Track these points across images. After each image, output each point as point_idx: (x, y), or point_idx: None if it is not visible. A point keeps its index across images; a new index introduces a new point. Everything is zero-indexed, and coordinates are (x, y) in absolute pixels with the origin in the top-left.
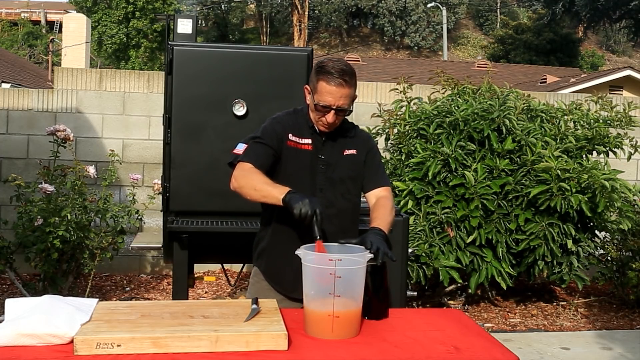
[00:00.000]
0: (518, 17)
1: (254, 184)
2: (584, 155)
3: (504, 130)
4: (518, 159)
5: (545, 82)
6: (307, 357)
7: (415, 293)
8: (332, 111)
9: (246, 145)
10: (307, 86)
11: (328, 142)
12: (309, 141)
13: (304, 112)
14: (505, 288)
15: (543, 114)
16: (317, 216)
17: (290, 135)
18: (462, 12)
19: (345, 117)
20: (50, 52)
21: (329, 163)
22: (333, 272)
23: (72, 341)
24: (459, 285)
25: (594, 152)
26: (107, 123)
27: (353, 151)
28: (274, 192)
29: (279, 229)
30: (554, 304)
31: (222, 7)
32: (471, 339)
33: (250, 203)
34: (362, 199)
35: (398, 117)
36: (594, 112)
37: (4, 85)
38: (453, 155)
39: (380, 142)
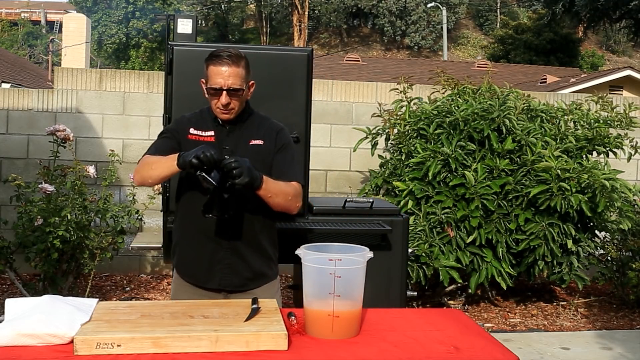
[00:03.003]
0: (518, 17)
1: (149, 164)
2: (584, 156)
3: (504, 130)
4: (518, 159)
5: (545, 82)
6: (307, 357)
7: (415, 293)
8: (224, 92)
9: (152, 144)
10: (202, 79)
11: (233, 133)
12: (212, 133)
13: (208, 108)
14: (505, 288)
15: (543, 114)
16: (211, 159)
17: (191, 129)
18: (462, 12)
19: (244, 103)
20: (50, 52)
21: (233, 153)
22: (333, 272)
23: (72, 341)
24: (459, 285)
25: (594, 153)
26: (107, 123)
27: (259, 141)
28: (168, 162)
29: (186, 220)
30: (554, 304)
31: (222, 7)
32: (471, 339)
33: None
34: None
35: (398, 117)
36: (594, 112)
37: (4, 85)
38: (453, 155)
39: (380, 142)
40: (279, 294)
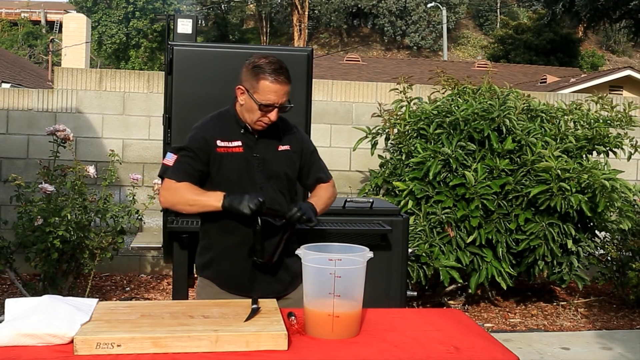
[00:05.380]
0: (518, 17)
1: (186, 199)
2: (584, 155)
3: (504, 130)
4: (518, 159)
5: (545, 82)
6: (307, 357)
7: (415, 293)
8: (276, 109)
9: (175, 157)
10: (240, 87)
11: (262, 139)
12: (239, 143)
13: (230, 114)
14: (505, 288)
15: (543, 114)
16: (263, 206)
17: (218, 141)
18: (462, 12)
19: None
20: (50, 52)
21: (264, 160)
22: (333, 272)
23: (72, 341)
24: (459, 285)
25: (594, 152)
26: (107, 123)
27: (286, 147)
28: (211, 201)
29: (224, 234)
30: (554, 304)
31: (222, 7)
32: (471, 339)
33: None
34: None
35: (398, 117)
36: (594, 112)
37: (4, 85)
38: (453, 155)
39: (380, 142)
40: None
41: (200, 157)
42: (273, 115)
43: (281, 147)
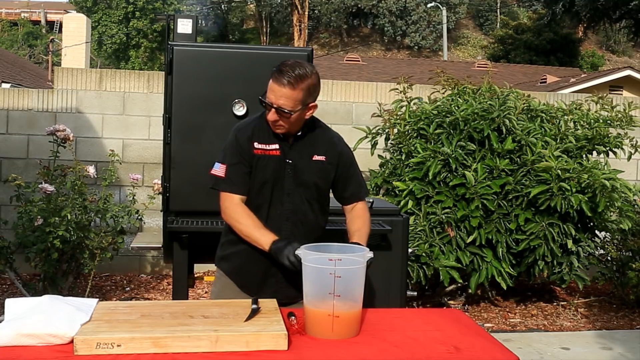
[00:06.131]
0: (518, 17)
1: (242, 228)
2: (584, 155)
3: (504, 130)
4: (518, 159)
5: (545, 82)
6: (307, 357)
7: (415, 293)
8: (272, 109)
9: (224, 167)
10: None
11: (296, 146)
12: (276, 146)
13: None
14: (505, 288)
15: (543, 114)
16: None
17: (255, 143)
18: (462, 12)
19: (318, 121)
20: (50, 52)
21: (296, 167)
22: (333, 272)
23: (72, 341)
24: (459, 285)
25: (594, 152)
26: (107, 123)
27: (322, 157)
28: (261, 241)
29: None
30: (554, 304)
31: (222, 7)
32: (471, 339)
33: None
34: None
35: (398, 117)
36: (594, 112)
37: (4, 85)
38: (453, 155)
39: (380, 142)
40: None
41: (245, 160)
42: (270, 115)
43: (316, 157)
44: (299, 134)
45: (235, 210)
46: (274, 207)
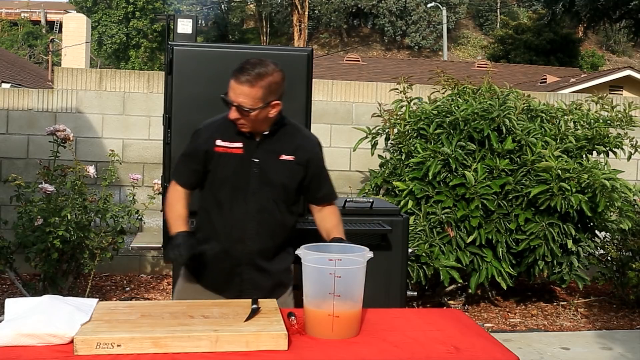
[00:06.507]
0: (518, 17)
1: (167, 212)
2: (584, 155)
3: (504, 130)
4: (518, 159)
5: (545, 82)
6: (307, 357)
7: (415, 293)
8: (233, 107)
9: (180, 157)
10: None
11: (263, 145)
12: (240, 145)
13: None
14: (505, 288)
15: (543, 114)
16: (182, 259)
17: (218, 140)
18: (462, 12)
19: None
20: (50, 52)
21: (262, 166)
22: (333, 272)
23: (72, 341)
24: (459, 285)
25: (594, 152)
26: (107, 123)
27: (291, 157)
28: (171, 230)
29: (206, 231)
30: (554, 304)
31: (222, 7)
32: (471, 339)
33: None
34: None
35: (398, 117)
36: (594, 112)
37: (4, 85)
38: (453, 155)
39: (380, 142)
40: (291, 297)
41: (196, 156)
42: (230, 114)
43: (284, 157)
44: (267, 132)
45: (170, 194)
46: (238, 205)
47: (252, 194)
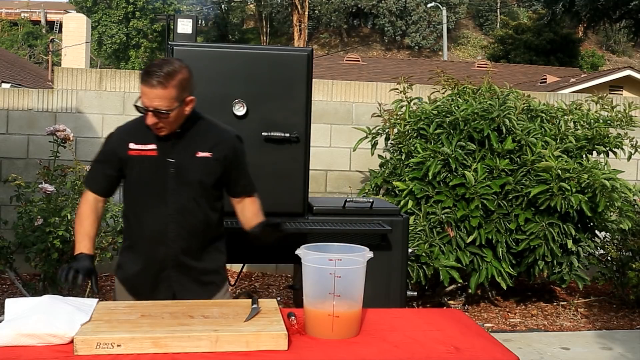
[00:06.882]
0: (518, 17)
1: (76, 230)
2: (584, 155)
3: (504, 130)
4: (518, 159)
5: (545, 82)
6: (307, 357)
7: (415, 293)
8: (150, 113)
9: (92, 163)
10: None
11: (178, 144)
12: (154, 146)
13: None
14: (505, 288)
15: (543, 114)
16: (73, 280)
17: (131, 144)
18: (462, 12)
19: (194, 116)
20: (50, 52)
21: (179, 166)
22: (333, 272)
23: (72, 341)
24: (459, 285)
25: (594, 152)
26: (107, 123)
27: (207, 154)
28: (76, 248)
29: (131, 238)
30: (554, 304)
31: (222, 7)
32: (471, 339)
33: None
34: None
35: (398, 117)
36: (594, 112)
37: (4, 85)
38: (453, 155)
39: (380, 142)
40: (228, 295)
41: (109, 161)
42: (148, 119)
43: (200, 154)
44: (179, 131)
45: (81, 207)
46: (157, 208)
47: (170, 195)
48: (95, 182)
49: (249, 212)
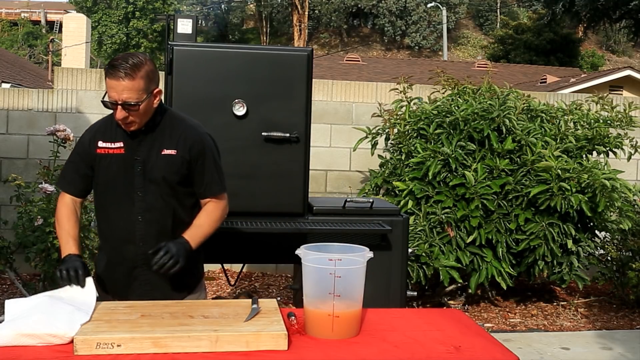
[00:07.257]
0: (518, 17)
1: (58, 231)
2: (584, 155)
3: (504, 130)
4: (518, 159)
5: (545, 82)
6: (307, 357)
7: (415, 293)
8: (118, 106)
9: (66, 164)
10: None
11: (145, 142)
12: (121, 144)
13: None
14: (505, 288)
15: (543, 114)
16: (75, 277)
17: (99, 142)
18: (462, 12)
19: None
20: (50, 52)
21: (145, 164)
22: (333, 272)
23: (72, 341)
24: (459, 285)
25: (594, 152)
26: None
27: (172, 151)
28: (62, 250)
29: (103, 237)
30: (554, 304)
31: (222, 7)
32: (471, 339)
33: (250, 203)
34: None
35: (398, 117)
36: (594, 112)
37: (4, 85)
38: (453, 155)
39: (380, 142)
40: (204, 295)
41: (83, 160)
42: (117, 114)
43: (165, 151)
44: (143, 129)
45: (60, 210)
46: (124, 207)
47: (138, 194)
48: (70, 184)
49: (196, 220)
